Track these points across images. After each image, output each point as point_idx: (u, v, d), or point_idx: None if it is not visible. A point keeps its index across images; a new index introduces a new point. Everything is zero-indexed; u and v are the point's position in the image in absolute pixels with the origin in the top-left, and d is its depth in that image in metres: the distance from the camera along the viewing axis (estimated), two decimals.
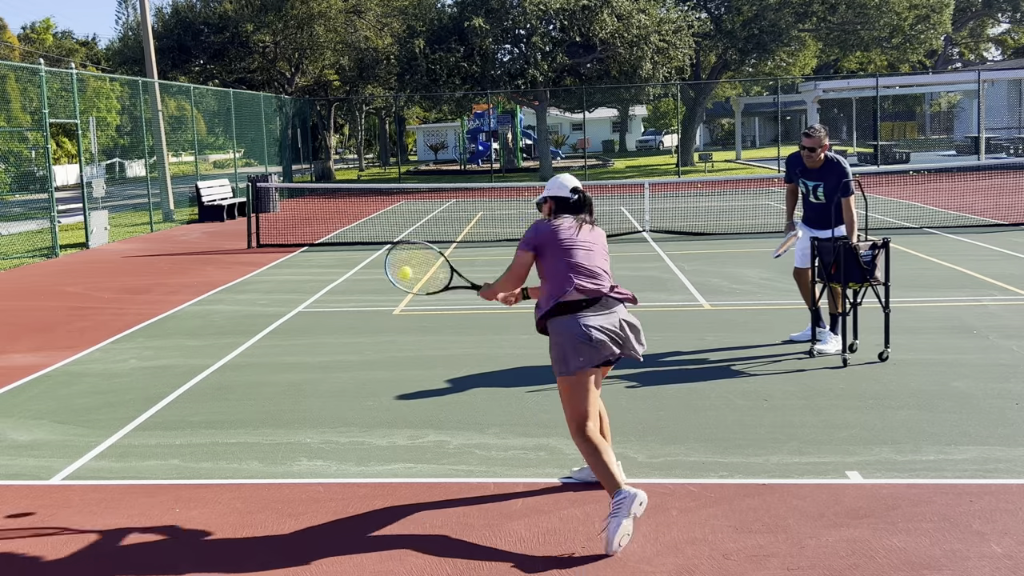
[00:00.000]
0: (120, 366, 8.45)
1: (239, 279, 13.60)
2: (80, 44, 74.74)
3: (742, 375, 7.39)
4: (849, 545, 4.37)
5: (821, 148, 7.95)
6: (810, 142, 7.95)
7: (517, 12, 35.31)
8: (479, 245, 16.82)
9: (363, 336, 9.37)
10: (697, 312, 10.02)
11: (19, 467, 5.87)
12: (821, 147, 7.95)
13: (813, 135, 7.95)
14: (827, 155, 8.02)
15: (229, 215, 24.45)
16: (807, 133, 8.03)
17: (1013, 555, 4.23)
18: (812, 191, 8.11)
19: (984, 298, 10.11)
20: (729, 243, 15.71)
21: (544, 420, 6.41)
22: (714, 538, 4.49)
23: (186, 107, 28.17)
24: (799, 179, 8.24)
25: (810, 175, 8.09)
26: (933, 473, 5.23)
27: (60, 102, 20.30)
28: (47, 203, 17.98)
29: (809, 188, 8.13)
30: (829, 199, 7.96)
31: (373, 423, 6.49)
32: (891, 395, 6.70)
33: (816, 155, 7.96)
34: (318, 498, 5.18)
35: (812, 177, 8.08)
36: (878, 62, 51.66)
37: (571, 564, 4.29)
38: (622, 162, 51.12)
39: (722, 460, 5.54)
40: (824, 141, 7.97)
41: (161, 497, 5.29)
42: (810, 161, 8.01)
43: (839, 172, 7.90)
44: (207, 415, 6.84)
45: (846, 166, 7.96)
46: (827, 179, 7.97)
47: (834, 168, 7.94)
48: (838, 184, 7.87)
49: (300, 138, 40.15)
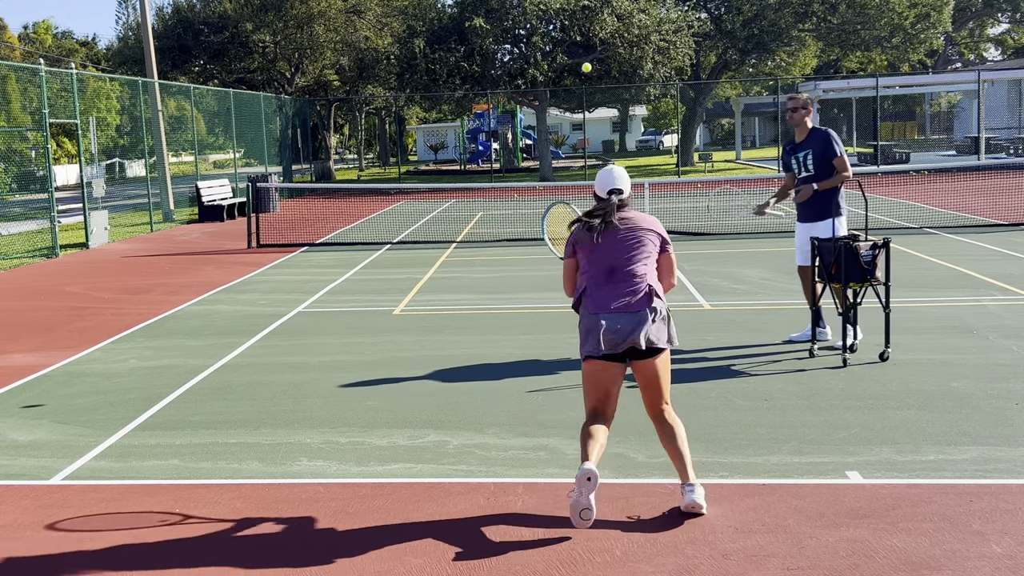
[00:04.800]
0: (120, 366, 8.45)
1: (239, 279, 13.59)
2: (80, 44, 74.76)
3: (742, 375, 7.39)
4: (849, 545, 4.37)
5: (804, 109, 8.19)
6: (792, 102, 8.23)
7: (517, 12, 35.30)
8: (479, 245, 16.81)
9: (363, 336, 9.37)
10: (697, 312, 10.02)
11: (19, 467, 5.87)
12: (803, 107, 8.19)
13: (796, 96, 8.27)
14: (815, 126, 8.24)
15: (229, 215, 24.45)
16: (791, 96, 8.34)
17: (1013, 555, 4.23)
18: (803, 163, 8.23)
19: (984, 298, 10.11)
20: (729, 243, 15.71)
21: (544, 420, 6.41)
22: (714, 538, 4.49)
23: (186, 107, 28.17)
24: (791, 157, 8.38)
25: (799, 147, 8.27)
26: (933, 473, 5.22)
27: (60, 102, 20.31)
28: (47, 203, 17.99)
29: (800, 161, 8.26)
30: (817, 167, 8.10)
31: (373, 423, 6.49)
32: (891, 395, 6.70)
33: (798, 115, 8.19)
34: (318, 498, 5.18)
35: (801, 147, 8.25)
36: (878, 62, 51.67)
37: (571, 564, 4.29)
38: (622, 162, 51.07)
39: (722, 460, 5.54)
40: (807, 104, 8.23)
41: (161, 497, 5.29)
42: (793, 122, 8.24)
43: (823, 136, 8.13)
44: (207, 415, 6.83)
45: (832, 133, 8.16)
46: (814, 145, 8.14)
47: (819, 134, 8.19)
48: (824, 148, 8.07)
49: (300, 138, 40.16)
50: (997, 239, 14.78)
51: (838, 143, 8.11)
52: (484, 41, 35.15)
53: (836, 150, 8.05)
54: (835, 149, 8.05)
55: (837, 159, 8.04)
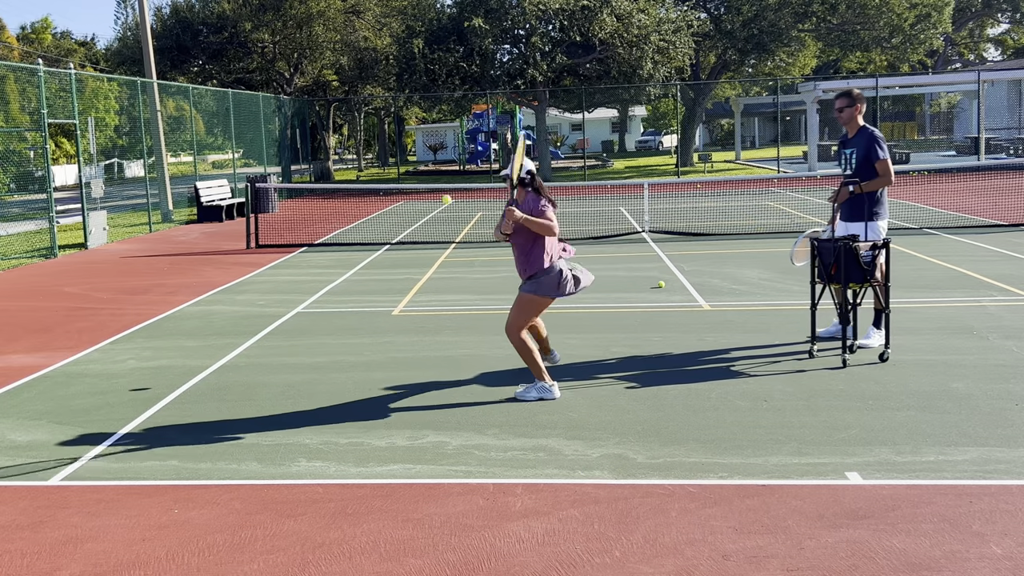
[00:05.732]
0: (119, 367, 8.44)
1: (238, 280, 13.58)
2: (79, 44, 74.71)
3: (742, 376, 7.38)
4: (849, 546, 4.36)
5: (851, 106, 8.14)
6: (839, 101, 8.23)
7: (516, 12, 35.28)
8: (478, 246, 16.80)
9: (362, 337, 9.36)
10: (697, 313, 10.01)
11: (17, 468, 5.86)
12: (850, 105, 8.14)
13: (844, 92, 8.25)
14: (865, 125, 8.19)
15: (228, 215, 24.43)
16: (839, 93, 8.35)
17: (1013, 556, 4.22)
18: (849, 160, 8.23)
19: (984, 299, 10.10)
20: (729, 243, 15.70)
21: (543, 421, 6.40)
22: (713, 539, 4.48)
23: (185, 107, 28.14)
24: (840, 152, 8.41)
25: (848, 143, 8.27)
26: (933, 474, 5.22)
27: (59, 102, 20.28)
28: (46, 203, 17.97)
29: (847, 158, 8.26)
30: (859, 166, 8.07)
31: (372, 424, 6.48)
32: (891, 396, 6.69)
33: (845, 114, 8.17)
34: (317, 499, 5.17)
35: (849, 144, 8.26)
36: (878, 62, 51.66)
37: (570, 565, 4.28)
38: (621, 162, 51.11)
39: (722, 461, 5.53)
40: (856, 100, 8.16)
41: (160, 498, 5.28)
42: (841, 121, 8.24)
43: (868, 136, 8.07)
44: (206, 416, 6.82)
45: (878, 135, 8.10)
46: (859, 144, 8.11)
47: (865, 133, 8.13)
48: (868, 149, 8.01)
49: (299, 138, 40.13)
50: (997, 240, 14.78)
51: (882, 146, 8.02)
52: (483, 41, 35.13)
53: (880, 153, 7.97)
54: (878, 152, 7.97)
55: (880, 162, 7.96)
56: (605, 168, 46.26)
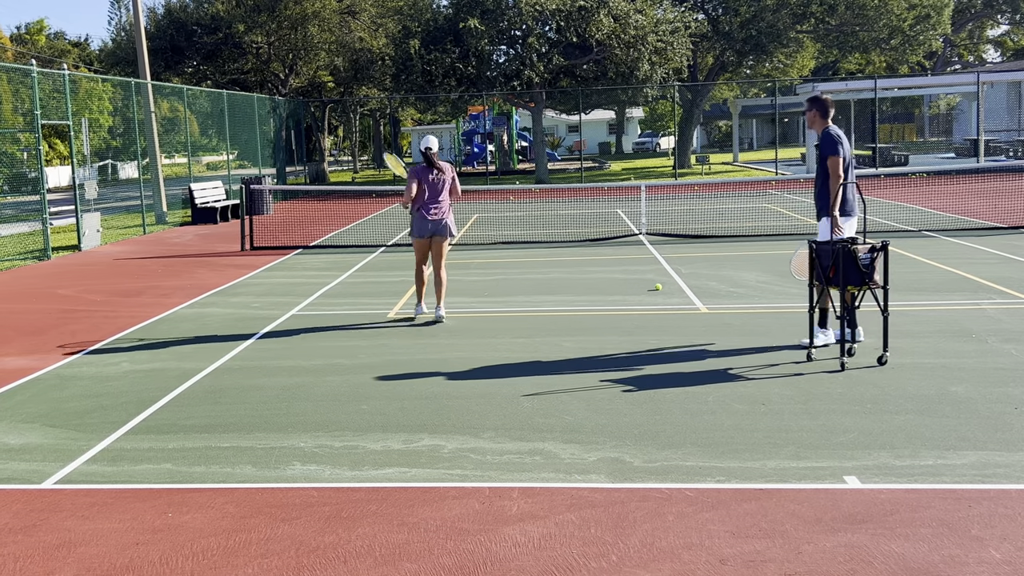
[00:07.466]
0: (112, 369, 8.40)
1: (232, 282, 13.54)
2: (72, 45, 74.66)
3: (739, 379, 7.35)
4: (847, 551, 4.33)
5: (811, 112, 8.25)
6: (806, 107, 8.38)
7: (513, 13, 35.26)
8: (475, 248, 16.78)
9: (357, 339, 9.32)
10: (694, 316, 9.98)
11: (10, 471, 5.82)
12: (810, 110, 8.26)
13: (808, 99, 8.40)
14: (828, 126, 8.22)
15: (222, 217, 24.39)
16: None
17: (1012, 560, 4.19)
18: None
19: (983, 302, 10.08)
20: (726, 246, 15.68)
21: (539, 424, 6.37)
22: (711, 543, 4.45)
23: (179, 108, 28.08)
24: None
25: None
26: (931, 478, 5.19)
27: (52, 103, 20.20)
28: (39, 205, 17.91)
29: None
30: (819, 165, 8.18)
31: (367, 427, 6.44)
32: (889, 399, 6.66)
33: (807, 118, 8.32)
34: (312, 502, 5.13)
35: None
36: (877, 63, 51.67)
37: (566, 570, 4.24)
38: (618, 164, 51.11)
39: (719, 464, 5.50)
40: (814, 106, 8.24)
41: (154, 502, 5.24)
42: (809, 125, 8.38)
43: (824, 135, 8.18)
44: (200, 419, 6.78)
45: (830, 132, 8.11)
46: (820, 145, 8.25)
47: (823, 133, 8.21)
48: (822, 147, 8.13)
49: (294, 140, 40.06)
50: (996, 242, 14.76)
51: (833, 144, 8.02)
52: (480, 42, 35.11)
53: (824, 150, 8.09)
54: (824, 149, 8.09)
55: (829, 159, 8.04)
56: (602, 170, 46.25)
